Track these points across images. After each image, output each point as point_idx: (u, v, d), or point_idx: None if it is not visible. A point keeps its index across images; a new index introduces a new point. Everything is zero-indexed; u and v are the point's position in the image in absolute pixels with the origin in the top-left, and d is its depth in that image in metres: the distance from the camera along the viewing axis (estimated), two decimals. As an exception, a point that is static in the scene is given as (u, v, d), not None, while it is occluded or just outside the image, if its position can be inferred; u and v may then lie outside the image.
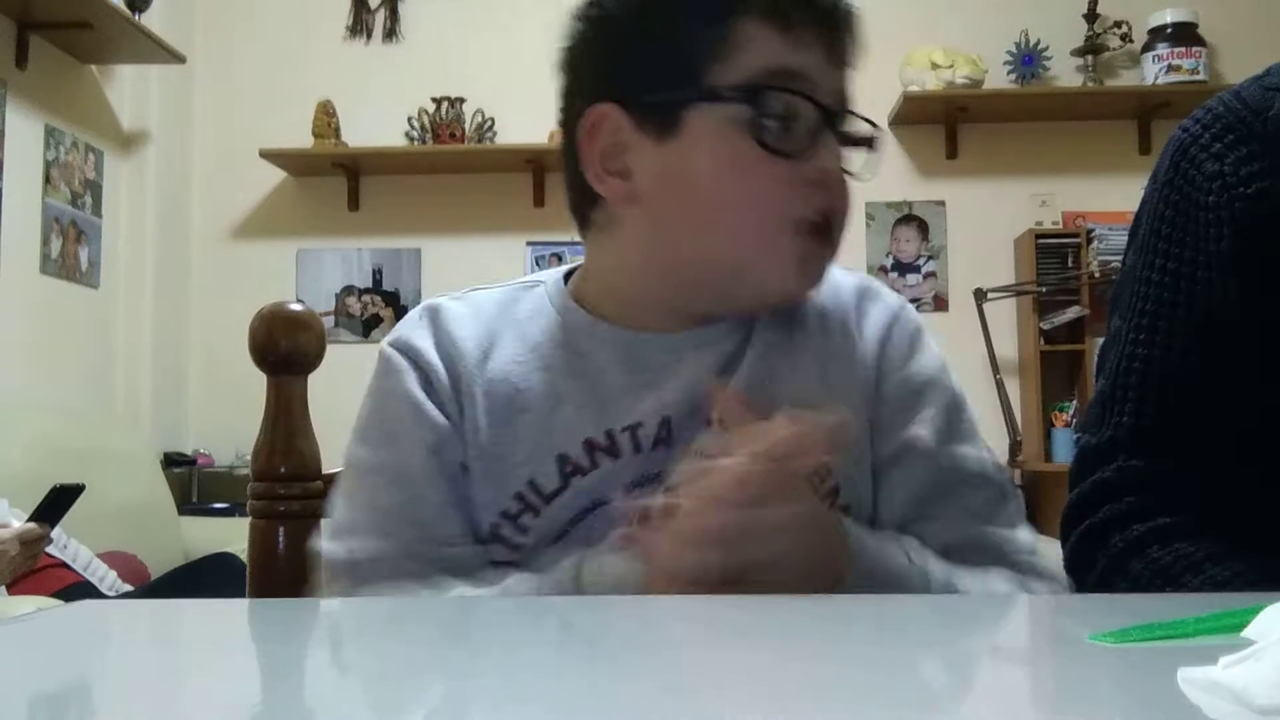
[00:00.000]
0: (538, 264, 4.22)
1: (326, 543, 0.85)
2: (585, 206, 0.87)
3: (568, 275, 0.91)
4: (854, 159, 0.85)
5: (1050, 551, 0.89)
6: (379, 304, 4.33)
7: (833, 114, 0.82)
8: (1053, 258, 4.00)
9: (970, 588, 0.78)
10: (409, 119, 4.25)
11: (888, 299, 0.91)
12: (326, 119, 4.15)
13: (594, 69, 0.85)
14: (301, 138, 4.16)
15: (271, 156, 4.15)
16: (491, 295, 0.90)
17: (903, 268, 4.26)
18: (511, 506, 0.81)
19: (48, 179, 3.58)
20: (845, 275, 0.91)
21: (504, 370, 0.84)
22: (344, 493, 0.86)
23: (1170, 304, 0.94)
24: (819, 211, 0.82)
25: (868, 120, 0.86)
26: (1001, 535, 0.84)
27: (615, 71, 0.84)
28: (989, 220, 4.18)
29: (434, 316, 0.87)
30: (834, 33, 0.82)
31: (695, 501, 0.70)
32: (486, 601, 0.74)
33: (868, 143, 0.86)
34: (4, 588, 2.35)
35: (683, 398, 0.82)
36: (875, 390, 0.86)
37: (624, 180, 0.83)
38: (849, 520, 0.79)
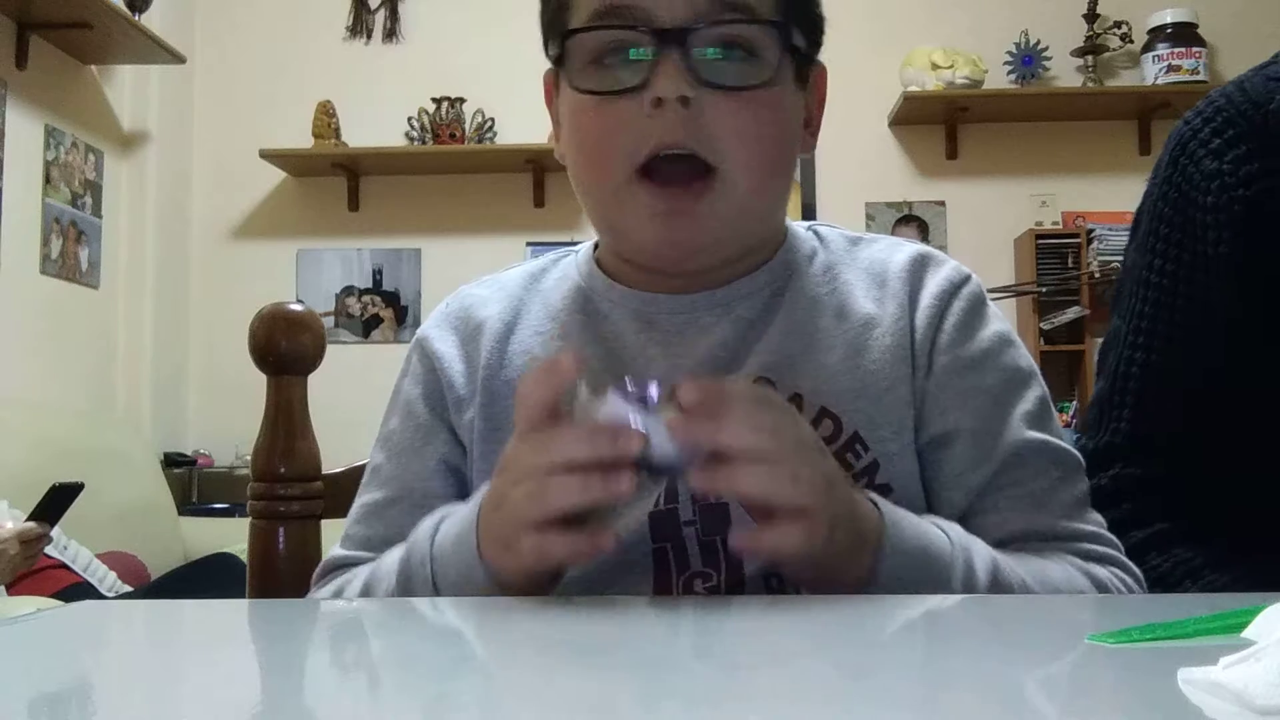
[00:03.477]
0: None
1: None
2: None
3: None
4: (731, 69, 0.74)
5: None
6: (379, 304, 4.33)
7: (678, 34, 0.72)
8: (1053, 258, 4.00)
9: (1023, 577, 0.71)
10: (409, 119, 4.25)
11: (947, 269, 0.84)
12: (326, 119, 4.15)
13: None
14: (301, 138, 4.16)
15: (271, 157, 4.15)
16: (521, 270, 0.90)
17: (903, 268, 4.25)
18: None
19: (48, 179, 3.58)
20: (904, 244, 0.86)
21: (526, 344, 0.85)
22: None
23: (1169, 307, 0.92)
24: (663, 146, 0.73)
25: (744, 19, 0.74)
26: (1059, 524, 0.76)
27: (543, 35, 0.84)
28: (989, 220, 4.18)
29: (458, 304, 0.88)
30: None
31: None
32: (487, 602, 0.74)
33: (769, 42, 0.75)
34: (4, 588, 2.35)
35: (696, 364, 0.80)
36: (928, 362, 0.79)
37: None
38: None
